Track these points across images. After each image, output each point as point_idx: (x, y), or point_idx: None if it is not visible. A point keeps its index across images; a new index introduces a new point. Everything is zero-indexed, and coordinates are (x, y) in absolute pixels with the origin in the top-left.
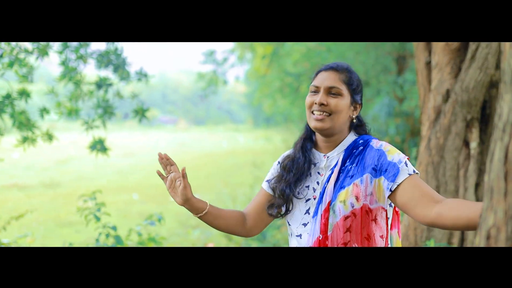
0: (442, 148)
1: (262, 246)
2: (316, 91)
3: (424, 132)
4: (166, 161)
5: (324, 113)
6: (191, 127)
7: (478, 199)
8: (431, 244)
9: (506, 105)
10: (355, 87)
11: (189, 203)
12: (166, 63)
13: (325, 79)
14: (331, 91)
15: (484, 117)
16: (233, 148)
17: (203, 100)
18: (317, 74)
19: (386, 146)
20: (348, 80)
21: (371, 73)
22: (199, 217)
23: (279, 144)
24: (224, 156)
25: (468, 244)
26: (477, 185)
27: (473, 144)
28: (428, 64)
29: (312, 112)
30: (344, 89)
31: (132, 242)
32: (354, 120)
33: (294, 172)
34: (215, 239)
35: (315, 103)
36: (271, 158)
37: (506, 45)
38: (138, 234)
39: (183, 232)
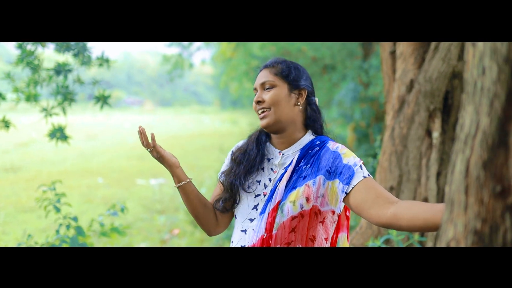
0: (406, 137)
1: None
2: (256, 92)
3: (388, 121)
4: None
5: (265, 109)
6: (157, 108)
7: (439, 188)
8: (393, 234)
9: (468, 117)
10: (287, 73)
11: (174, 169)
12: (131, 43)
13: (259, 78)
14: (265, 87)
15: (446, 107)
16: (200, 131)
17: (169, 82)
18: (256, 77)
19: (342, 149)
20: (279, 71)
21: (337, 58)
22: (179, 188)
23: (246, 127)
24: (190, 138)
25: (428, 234)
26: (439, 174)
27: (435, 134)
28: (393, 53)
29: (258, 112)
30: (276, 80)
31: (94, 232)
32: (302, 107)
33: (245, 164)
34: (181, 225)
35: (254, 103)
36: (237, 141)
37: (469, 55)
38: (100, 225)
39: (149, 217)
